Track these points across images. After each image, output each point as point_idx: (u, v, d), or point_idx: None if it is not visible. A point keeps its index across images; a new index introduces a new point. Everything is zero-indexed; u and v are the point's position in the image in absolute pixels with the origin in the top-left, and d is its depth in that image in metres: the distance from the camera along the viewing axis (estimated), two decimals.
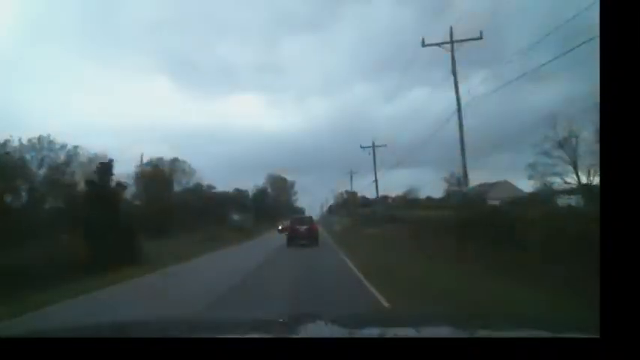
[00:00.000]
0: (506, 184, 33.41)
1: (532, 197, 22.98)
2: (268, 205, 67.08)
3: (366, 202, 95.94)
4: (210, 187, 43.15)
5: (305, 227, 18.63)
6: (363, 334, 1.45)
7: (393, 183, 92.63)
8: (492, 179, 34.17)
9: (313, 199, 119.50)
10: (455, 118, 11.05)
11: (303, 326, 1.66)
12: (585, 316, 1.41)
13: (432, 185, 76.35)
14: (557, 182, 21.75)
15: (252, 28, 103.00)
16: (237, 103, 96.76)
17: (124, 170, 20.09)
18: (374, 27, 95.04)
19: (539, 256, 6.01)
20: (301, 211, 77.22)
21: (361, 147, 27.82)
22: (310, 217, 22.04)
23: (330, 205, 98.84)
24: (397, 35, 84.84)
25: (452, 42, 12.66)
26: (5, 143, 16.70)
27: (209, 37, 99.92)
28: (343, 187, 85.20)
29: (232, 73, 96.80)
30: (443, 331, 1.38)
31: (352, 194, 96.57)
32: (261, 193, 71.35)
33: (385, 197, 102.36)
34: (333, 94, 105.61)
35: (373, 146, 26.42)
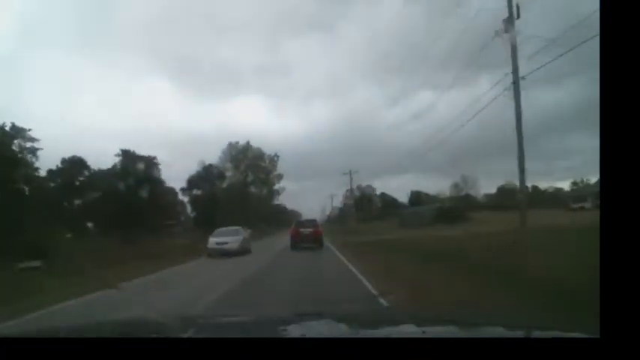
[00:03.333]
0: None
1: None
2: (224, 206, 50.34)
3: (387, 200, 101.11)
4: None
5: (309, 230, 23.64)
6: (364, 334, 1.74)
7: (396, 188, 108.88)
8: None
9: (312, 203, 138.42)
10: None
11: (303, 326, 1.95)
12: (585, 316, 1.59)
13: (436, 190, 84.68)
14: None
15: (253, 28, 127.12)
16: (237, 105, 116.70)
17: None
18: (379, 28, 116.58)
19: None
20: (298, 214, 77.49)
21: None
22: (314, 220, 27.50)
23: (336, 207, 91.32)
24: (403, 37, 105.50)
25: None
26: None
27: (209, 37, 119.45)
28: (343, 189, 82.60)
29: (233, 74, 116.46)
30: (442, 331, 1.68)
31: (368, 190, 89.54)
32: (205, 176, 53.42)
33: (418, 193, 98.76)
34: (334, 96, 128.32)
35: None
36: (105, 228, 36.69)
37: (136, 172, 43.42)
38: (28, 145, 30.32)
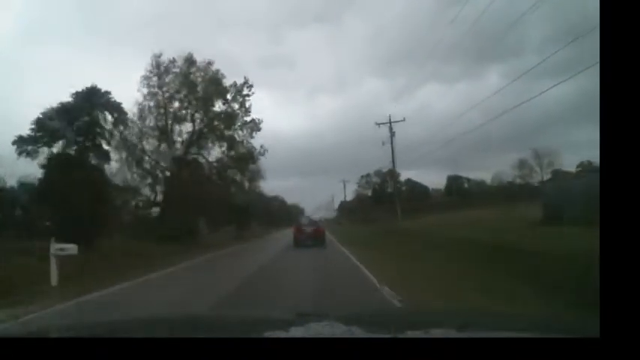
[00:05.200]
0: None
1: None
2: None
3: (417, 188, 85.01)
4: None
5: (312, 229, 27.59)
6: (365, 335, 2.01)
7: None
8: None
9: (315, 198, 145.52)
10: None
11: (305, 326, 2.22)
12: (585, 316, 2.11)
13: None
14: None
15: (257, 20, 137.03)
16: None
17: None
18: (383, 21, 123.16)
19: None
20: (300, 210, 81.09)
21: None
22: (317, 221, 32.31)
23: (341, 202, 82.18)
24: (408, 29, 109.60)
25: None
26: None
27: (211, 30, 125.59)
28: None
29: (237, 67, 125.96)
30: (443, 332, 1.98)
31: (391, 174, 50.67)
32: (71, 113, 22.16)
33: (457, 179, 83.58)
34: (340, 88, 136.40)
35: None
36: None
37: None
38: None
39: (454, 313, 3.08)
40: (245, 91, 32.14)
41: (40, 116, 23.44)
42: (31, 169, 23.42)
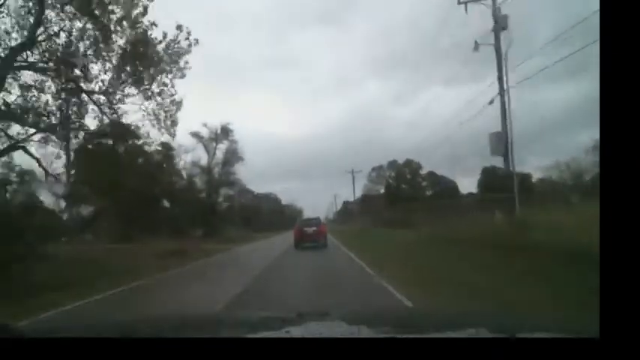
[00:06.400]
0: None
1: None
2: None
3: (442, 183, 73.03)
4: None
5: (313, 229, 27.14)
6: (367, 334, 1.98)
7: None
8: None
9: (314, 201, 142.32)
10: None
11: (307, 325, 2.19)
12: (585, 316, 2.14)
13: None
14: None
15: (259, 21, 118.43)
16: (242, 101, 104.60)
17: None
18: (386, 21, 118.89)
19: None
20: (298, 212, 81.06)
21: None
22: (318, 219, 31.73)
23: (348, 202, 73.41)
24: (412, 30, 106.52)
25: None
26: None
27: (211, 30, 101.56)
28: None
29: (236, 69, 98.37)
30: (443, 332, 1.93)
31: None
32: None
33: (492, 170, 70.72)
34: (342, 90, 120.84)
35: None
36: None
37: None
38: None
39: (455, 314, 3.06)
40: None
41: None
42: None
